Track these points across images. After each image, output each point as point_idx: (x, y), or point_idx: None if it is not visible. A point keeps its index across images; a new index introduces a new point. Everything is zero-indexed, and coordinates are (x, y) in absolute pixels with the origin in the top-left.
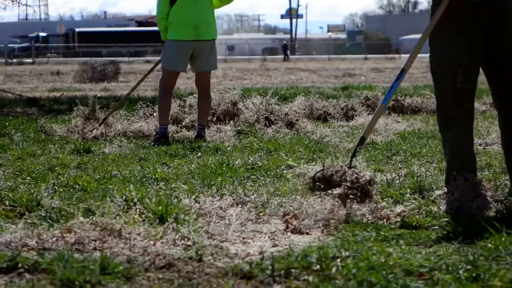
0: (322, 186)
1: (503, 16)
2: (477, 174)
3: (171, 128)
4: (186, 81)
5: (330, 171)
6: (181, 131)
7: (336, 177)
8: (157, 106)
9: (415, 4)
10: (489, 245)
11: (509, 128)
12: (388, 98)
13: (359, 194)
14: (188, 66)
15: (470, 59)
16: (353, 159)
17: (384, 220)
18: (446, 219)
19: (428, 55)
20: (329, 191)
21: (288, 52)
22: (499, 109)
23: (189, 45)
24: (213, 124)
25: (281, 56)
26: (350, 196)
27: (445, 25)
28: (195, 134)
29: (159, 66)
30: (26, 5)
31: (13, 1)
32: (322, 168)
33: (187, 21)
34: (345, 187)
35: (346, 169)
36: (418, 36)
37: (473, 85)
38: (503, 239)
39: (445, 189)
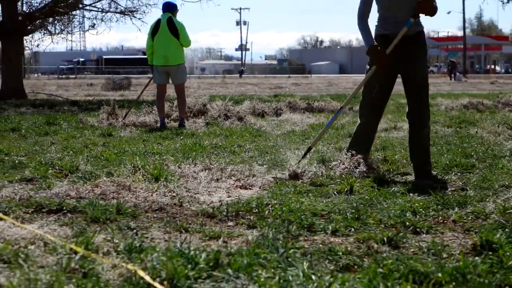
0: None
1: (411, 54)
2: (369, 153)
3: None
4: (173, 91)
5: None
6: (169, 122)
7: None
8: (156, 106)
9: (321, 42)
10: (366, 196)
11: (411, 130)
12: (330, 123)
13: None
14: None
15: (386, 80)
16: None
17: (299, 180)
18: (339, 180)
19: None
20: None
21: (242, 73)
22: (407, 116)
23: (162, 68)
24: (190, 118)
25: (236, 75)
26: None
27: None
28: (178, 124)
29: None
30: (72, 40)
31: (63, 38)
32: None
33: (160, 53)
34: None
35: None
36: (323, 62)
37: (385, 99)
38: (375, 192)
39: (339, 160)
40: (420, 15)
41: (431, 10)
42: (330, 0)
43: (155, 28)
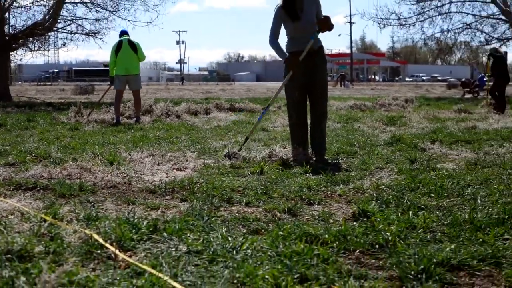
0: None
1: (317, 64)
2: (307, 145)
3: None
4: (129, 96)
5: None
6: (123, 119)
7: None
8: (113, 107)
9: (242, 57)
10: (273, 176)
11: (312, 122)
12: (261, 118)
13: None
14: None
15: (302, 85)
16: (243, 146)
17: (221, 163)
18: (252, 163)
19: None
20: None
21: (183, 81)
22: (311, 111)
23: (123, 77)
24: (140, 117)
25: (177, 82)
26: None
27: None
28: (135, 120)
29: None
30: (48, 55)
31: (41, 53)
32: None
33: (122, 66)
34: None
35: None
36: (243, 73)
37: (305, 99)
38: (279, 173)
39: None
40: (322, 31)
41: (329, 28)
42: (248, 25)
43: (118, 47)
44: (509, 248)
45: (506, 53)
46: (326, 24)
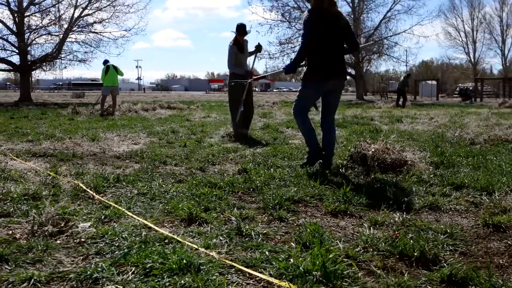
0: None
1: (252, 83)
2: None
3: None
4: (109, 99)
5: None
6: (104, 114)
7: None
8: (99, 105)
9: (176, 76)
10: (191, 148)
11: (247, 117)
12: (240, 109)
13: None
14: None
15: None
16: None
17: (161, 140)
18: (179, 140)
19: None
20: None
21: (145, 90)
22: (247, 112)
23: (110, 88)
24: (114, 112)
25: (136, 91)
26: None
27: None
28: (111, 114)
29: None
30: (55, 74)
31: (51, 73)
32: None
33: (110, 80)
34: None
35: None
36: (177, 85)
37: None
38: (196, 146)
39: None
40: (258, 51)
41: (260, 50)
42: (179, 56)
43: (107, 70)
44: (328, 189)
45: None
46: (260, 48)
